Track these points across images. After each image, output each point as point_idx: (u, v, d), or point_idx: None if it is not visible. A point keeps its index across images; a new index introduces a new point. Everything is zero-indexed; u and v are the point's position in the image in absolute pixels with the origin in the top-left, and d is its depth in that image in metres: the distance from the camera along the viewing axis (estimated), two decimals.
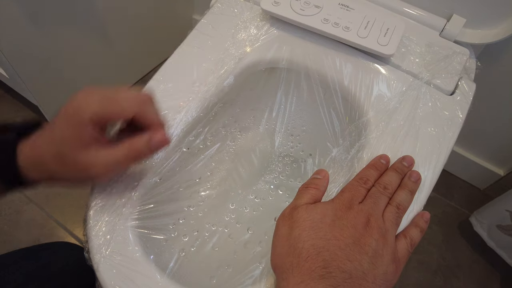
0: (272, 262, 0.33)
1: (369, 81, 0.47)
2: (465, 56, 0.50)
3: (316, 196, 0.35)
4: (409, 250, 0.34)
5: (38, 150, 0.33)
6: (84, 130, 0.31)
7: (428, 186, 0.40)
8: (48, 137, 0.33)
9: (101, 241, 0.36)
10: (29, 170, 0.33)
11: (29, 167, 0.33)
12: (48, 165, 0.33)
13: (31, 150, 0.33)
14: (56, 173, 0.33)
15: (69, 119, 0.32)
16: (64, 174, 0.33)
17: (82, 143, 0.32)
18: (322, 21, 0.48)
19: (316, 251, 0.30)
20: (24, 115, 1.07)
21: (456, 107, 0.45)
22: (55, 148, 0.32)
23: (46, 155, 0.32)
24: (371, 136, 0.43)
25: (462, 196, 1.01)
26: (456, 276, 0.90)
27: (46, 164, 0.33)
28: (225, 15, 0.52)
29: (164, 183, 0.45)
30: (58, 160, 0.32)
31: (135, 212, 0.39)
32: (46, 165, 0.33)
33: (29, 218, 0.91)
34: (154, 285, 0.34)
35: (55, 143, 0.32)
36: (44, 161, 0.33)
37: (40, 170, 0.33)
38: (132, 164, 0.38)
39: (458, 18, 0.53)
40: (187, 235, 0.48)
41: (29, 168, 0.33)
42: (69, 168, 0.33)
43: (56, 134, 0.32)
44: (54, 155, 0.32)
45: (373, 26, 0.48)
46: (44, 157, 0.32)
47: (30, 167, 0.33)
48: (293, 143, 0.58)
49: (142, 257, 0.36)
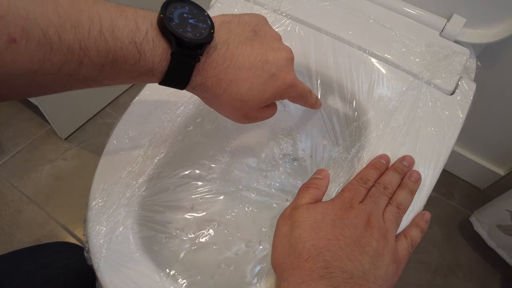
0: (273, 262, 0.33)
1: (369, 81, 0.47)
2: (465, 55, 0.50)
3: (316, 196, 0.35)
4: (410, 250, 0.34)
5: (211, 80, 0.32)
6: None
7: (428, 186, 0.40)
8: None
9: (101, 241, 0.36)
10: (193, 89, 0.33)
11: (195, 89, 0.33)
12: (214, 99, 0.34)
13: (202, 78, 0.32)
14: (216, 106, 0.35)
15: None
16: (221, 109, 0.35)
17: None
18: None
19: (317, 251, 0.30)
20: (24, 115, 1.07)
21: (456, 107, 0.45)
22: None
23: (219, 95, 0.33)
24: (371, 136, 0.43)
25: (462, 196, 1.01)
26: (456, 275, 0.90)
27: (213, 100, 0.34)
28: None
29: (164, 182, 0.45)
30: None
31: (135, 212, 0.39)
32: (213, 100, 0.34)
33: (30, 218, 0.91)
34: (154, 285, 0.34)
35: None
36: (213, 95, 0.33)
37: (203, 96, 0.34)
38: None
39: (458, 18, 0.53)
40: (187, 234, 0.48)
41: (195, 88, 0.33)
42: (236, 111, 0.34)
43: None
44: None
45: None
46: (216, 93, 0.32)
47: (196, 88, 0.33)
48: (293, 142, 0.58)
49: (142, 257, 0.36)
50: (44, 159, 1.00)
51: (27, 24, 0.24)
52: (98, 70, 0.28)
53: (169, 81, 0.31)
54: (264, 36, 0.34)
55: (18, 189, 0.95)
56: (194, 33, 0.29)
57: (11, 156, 1.00)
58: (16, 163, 0.99)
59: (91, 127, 1.06)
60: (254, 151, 0.57)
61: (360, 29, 0.51)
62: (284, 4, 0.53)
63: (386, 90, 0.46)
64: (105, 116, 1.09)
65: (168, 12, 0.29)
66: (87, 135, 1.05)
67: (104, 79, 0.29)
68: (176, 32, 0.28)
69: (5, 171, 0.98)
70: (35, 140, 1.03)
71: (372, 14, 0.53)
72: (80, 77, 0.28)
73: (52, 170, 0.98)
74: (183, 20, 0.29)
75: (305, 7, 0.53)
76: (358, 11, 0.53)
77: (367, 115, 0.45)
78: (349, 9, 0.54)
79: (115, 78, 0.30)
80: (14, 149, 1.01)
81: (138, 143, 0.42)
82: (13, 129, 1.05)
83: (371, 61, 0.48)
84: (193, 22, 0.30)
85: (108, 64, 0.28)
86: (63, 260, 0.48)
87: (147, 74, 0.30)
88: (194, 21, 0.30)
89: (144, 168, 0.41)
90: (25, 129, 1.05)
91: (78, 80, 0.28)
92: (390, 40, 0.51)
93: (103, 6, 0.27)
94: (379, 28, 0.52)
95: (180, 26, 0.29)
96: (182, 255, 0.45)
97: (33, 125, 1.06)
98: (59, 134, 1.03)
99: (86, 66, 0.27)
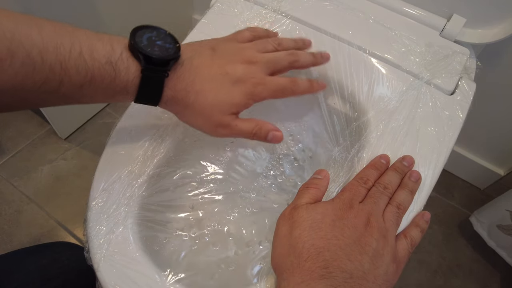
0: (273, 262, 0.33)
1: (369, 81, 0.47)
2: (465, 55, 0.50)
3: (316, 196, 0.35)
4: (410, 250, 0.34)
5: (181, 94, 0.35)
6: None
7: (428, 186, 0.40)
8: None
9: (101, 241, 0.36)
10: (165, 104, 0.36)
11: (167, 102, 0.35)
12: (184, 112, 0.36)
13: (172, 92, 0.35)
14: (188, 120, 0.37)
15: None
16: (194, 122, 0.37)
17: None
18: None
19: (317, 251, 0.30)
20: (24, 115, 1.07)
21: (456, 107, 0.45)
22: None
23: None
24: (371, 136, 0.43)
25: (462, 196, 1.01)
26: (456, 275, 0.90)
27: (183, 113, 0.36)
28: (225, 15, 0.52)
29: (164, 182, 0.45)
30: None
31: (135, 212, 0.39)
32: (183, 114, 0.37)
33: (30, 218, 0.91)
34: (154, 285, 0.34)
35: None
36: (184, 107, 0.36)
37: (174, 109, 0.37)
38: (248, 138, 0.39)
39: (458, 18, 0.53)
40: (188, 234, 0.48)
41: (167, 102, 0.35)
42: (203, 121, 0.36)
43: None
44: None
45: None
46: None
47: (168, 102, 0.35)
48: (293, 143, 0.58)
49: (142, 257, 0.36)
50: (44, 159, 1.00)
51: (12, 45, 0.26)
52: (77, 89, 0.31)
53: (142, 97, 0.34)
54: (222, 52, 0.37)
55: (18, 189, 0.95)
56: (162, 51, 0.33)
57: (11, 156, 1.00)
58: (16, 163, 0.99)
59: (91, 127, 1.06)
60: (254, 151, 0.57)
61: (360, 29, 0.51)
62: (284, 4, 0.53)
63: (386, 90, 0.46)
64: (105, 116, 1.09)
65: (137, 36, 0.32)
66: (87, 135, 1.05)
67: (82, 97, 0.32)
68: (144, 51, 0.32)
69: (5, 171, 0.98)
70: (35, 140, 1.03)
71: (372, 14, 0.53)
72: (60, 94, 0.30)
73: (52, 170, 0.98)
74: (151, 42, 0.33)
75: (305, 7, 0.53)
76: (358, 11, 0.53)
77: (367, 115, 0.45)
78: (349, 9, 0.54)
79: (92, 97, 0.33)
80: (14, 149, 1.01)
81: (138, 143, 0.42)
82: (13, 129, 1.05)
83: (371, 61, 0.49)
84: (160, 43, 0.33)
85: (86, 84, 0.31)
86: (63, 260, 0.48)
87: (122, 93, 0.33)
88: (161, 43, 0.33)
89: (144, 168, 0.41)
90: (25, 129, 1.05)
91: (58, 97, 0.31)
92: (390, 40, 0.51)
93: (82, 32, 0.31)
94: (379, 28, 0.52)
95: (148, 47, 0.32)
96: (182, 255, 0.45)
97: (33, 125, 1.06)
98: (59, 134, 1.03)
99: (66, 85, 0.30)
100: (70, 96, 0.31)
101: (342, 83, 0.47)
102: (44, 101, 0.32)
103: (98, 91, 0.32)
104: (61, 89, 0.30)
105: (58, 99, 0.32)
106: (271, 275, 0.35)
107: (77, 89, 0.31)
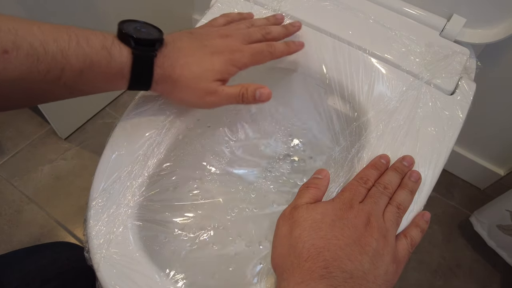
0: (273, 261, 0.33)
1: (369, 81, 0.47)
2: (465, 55, 0.50)
3: (316, 195, 0.35)
4: (410, 250, 0.34)
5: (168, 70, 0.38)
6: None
7: (428, 186, 0.40)
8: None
9: (101, 241, 0.36)
10: (156, 84, 0.39)
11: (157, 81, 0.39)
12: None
13: (161, 70, 0.38)
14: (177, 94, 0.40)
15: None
16: (184, 97, 0.40)
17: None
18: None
19: (317, 251, 0.30)
20: (24, 115, 1.07)
21: (456, 107, 0.45)
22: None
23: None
24: (371, 136, 0.43)
25: (462, 196, 1.01)
26: (456, 275, 0.90)
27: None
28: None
29: (164, 182, 0.45)
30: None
31: (135, 211, 0.39)
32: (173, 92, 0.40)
33: (30, 218, 0.91)
34: (154, 285, 0.34)
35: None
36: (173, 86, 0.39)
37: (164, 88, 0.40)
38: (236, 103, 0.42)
39: (458, 18, 0.53)
40: (188, 234, 0.48)
41: (158, 81, 0.39)
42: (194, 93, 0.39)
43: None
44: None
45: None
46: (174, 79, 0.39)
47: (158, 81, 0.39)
48: (293, 143, 0.58)
49: (142, 257, 0.36)
50: (44, 159, 1.00)
51: (17, 39, 0.30)
52: (78, 75, 0.34)
53: (136, 79, 0.37)
54: (199, 34, 0.42)
55: (18, 189, 0.95)
56: (147, 35, 0.37)
57: (11, 156, 1.00)
58: (16, 163, 0.99)
59: (91, 127, 1.06)
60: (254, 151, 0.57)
61: (360, 29, 0.51)
62: (284, 4, 0.53)
63: (386, 90, 0.46)
64: (105, 116, 1.09)
65: (124, 27, 0.37)
66: (87, 135, 1.05)
67: (83, 85, 0.36)
68: (132, 33, 0.36)
69: (5, 171, 0.98)
70: (35, 140, 1.03)
71: (372, 14, 0.53)
72: (62, 82, 0.33)
73: (52, 170, 0.98)
74: (137, 30, 0.37)
75: (305, 7, 0.53)
76: (358, 11, 0.53)
77: (367, 115, 0.45)
78: (349, 9, 0.54)
79: (92, 83, 0.36)
80: (14, 149, 1.01)
81: (138, 143, 0.42)
82: (13, 129, 1.05)
83: (371, 61, 0.49)
84: (145, 31, 0.37)
85: (86, 69, 0.34)
86: (63, 260, 0.48)
87: (118, 76, 0.36)
88: (145, 30, 0.38)
89: (144, 168, 0.41)
90: (25, 129, 1.05)
91: (61, 87, 0.34)
92: (390, 40, 0.51)
93: (76, 28, 0.34)
94: (379, 28, 0.52)
95: (135, 33, 0.36)
96: (182, 255, 0.45)
97: (33, 125, 1.06)
98: (59, 134, 1.03)
99: (68, 72, 0.33)
100: (71, 85, 0.35)
101: (342, 83, 0.47)
102: (47, 92, 0.35)
103: (97, 76, 0.35)
104: (63, 77, 0.33)
105: (61, 89, 0.34)
106: (271, 275, 0.35)
107: (78, 75, 0.34)
